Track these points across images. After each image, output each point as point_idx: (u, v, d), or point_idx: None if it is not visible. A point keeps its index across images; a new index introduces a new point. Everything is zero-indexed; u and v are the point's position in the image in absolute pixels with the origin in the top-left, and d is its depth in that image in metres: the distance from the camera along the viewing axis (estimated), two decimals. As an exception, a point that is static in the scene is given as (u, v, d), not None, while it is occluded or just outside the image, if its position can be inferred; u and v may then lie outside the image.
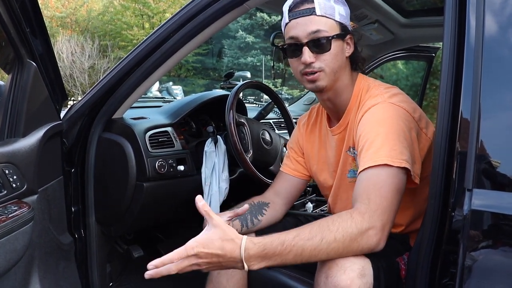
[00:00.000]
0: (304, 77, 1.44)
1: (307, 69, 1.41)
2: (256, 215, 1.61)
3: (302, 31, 1.39)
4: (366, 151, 1.29)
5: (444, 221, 1.08)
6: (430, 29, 2.55)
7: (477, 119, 1.03)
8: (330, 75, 1.42)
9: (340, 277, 1.15)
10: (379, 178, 1.23)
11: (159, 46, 1.70)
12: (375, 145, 1.28)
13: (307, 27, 1.38)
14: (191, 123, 2.26)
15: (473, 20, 1.06)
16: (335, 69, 1.43)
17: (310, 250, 1.12)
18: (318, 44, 1.39)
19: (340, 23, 1.42)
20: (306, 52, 1.39)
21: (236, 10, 1.61)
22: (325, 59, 1.40)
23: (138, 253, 2.19)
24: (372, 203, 1.19)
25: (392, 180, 1.23)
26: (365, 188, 1.24)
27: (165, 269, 1.10)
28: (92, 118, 1.86)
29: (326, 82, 1.43)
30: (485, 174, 1.03)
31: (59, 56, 20.42)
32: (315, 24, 1.38)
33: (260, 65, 21.79)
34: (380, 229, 1.17)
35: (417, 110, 1.42)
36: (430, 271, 1.12)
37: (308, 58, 1.39)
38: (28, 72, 1.50)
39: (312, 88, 1.46)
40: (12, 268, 1.39)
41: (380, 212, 1.18)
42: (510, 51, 1.06)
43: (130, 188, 1.85)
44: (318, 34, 1.38)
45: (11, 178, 1.41)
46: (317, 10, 1.38)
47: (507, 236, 1.01)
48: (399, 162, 1.24)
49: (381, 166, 1.24)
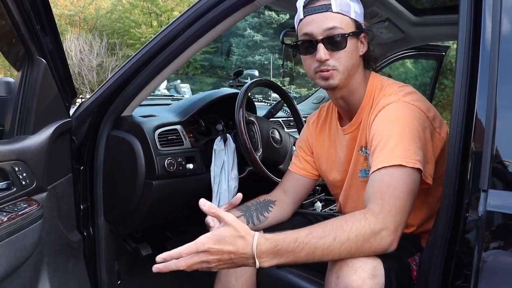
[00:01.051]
0: (317, 75, 1.42)
1: (322, 67, 1.39)
2: (262, 212, 1.59)
3: (317, 28, 1.37)
4: (380, 151, 1.28)
5: (458, 222, 1.07)
6: (441, 28, 2.52)
7: (493, 118, 1.01)
8: (343, 73, 1.41)
9: (351, 277, 1.13)
10: (393, 178, 1.22)
11: (169, 44, 1.69)
12: (389, 145, 1.26)
13: (323, 24, 1.36)
14: (200, 121, 2.25)
15: (489, 17, 1.04)
16: (349, 68, 1.41)
17: (322, 249, 1.11)
18: (333, 41, 1.37)
19: (355, 21, 1.41)
20: (321, 49, 1.37)
21: (247, 7, 1.59)
22: (340, 57, 1.38)
23: (146, 251, 2.19)
24: (385, 203, 1.17)
25: (406, 181, 1.21)
26: (378, 189, 1.22)
27: (174, 264, 1.09)
28: (101, 116, 1.86)
29: (339, 80, 1.41)
30: (500, 174, 1.01)
31: (67, 54, 20.52)
32: (331, 21, 1.36)
33: (268, 63, 21.81)
34: (394, 231, 1.16)
35: (431, 109, 1.40)
36: (443, 272, 1.11)
37: (323, 55, 1.37)
38: (38, 69, 1.50)
39: (325, 86, 1.44)
40: (21, 266, 1.39)
41: (394, 213, 1.16)
42: (527, 49, 1.04)
43: (139, 186, 1.84)
44: (334, 31, 1.36)
45: (21, 176, 1.41)
46: (333, 7, 1.36)
47: (524, 238, 1.00)
48: (413, 163, 1.22)
49: (395, 167, 1.22)
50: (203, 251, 1.08)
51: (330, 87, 1.44)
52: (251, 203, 1.62)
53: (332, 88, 1.44)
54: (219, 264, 1.11)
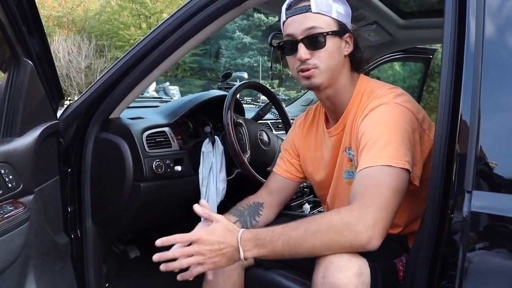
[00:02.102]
0: (299, 74, 1.43)
1: (302, 66, 1.41)
2: (254, 217, 1.61)
3: (297, 28, 1.40)
4: (368, 151, 1.29)
5: (443, 223, 1.08)
6: (428, 31, 2.55)
7: (477, 120, 1.02)
8: (325, 73, 1.42)
9: (336, 276, 1.15)
10: (378, 177, 1.23)
11: (157, 46, 1.69)
12: (378, 145, 1.27)
13: (302, 24, 1.39)
14: (188, 123, 2.25)
15: (473, 21, 1.06)
16: (331, 67, 1.42)
17: (296, 238, 1.19)
18: (313, 40, 1.39)
19: (337, 21, 1.42)
20: (301, 49, 1.39)
21: (235, 10, 1.60)
22: (320, 56, 1.40)
23: (134, 254, 2.19)
24: (366, 200, 1.20)
25: (391, 179, 1.22)
26: (362, 186, 1.24)
27: (171, 253, 1.22)
28: (89, 118, 1.85)
29: (321, 79, 1.42)
30: (485, 176, 1.02)
31: (55, 56, 20.39)
32: (310, 21, 1.39)
33: (257, 66, 21.83)
34: (372, 226, 1.16)
35: (420, 111, 1.42)
36: (429, 273, 1.12)
37: (303, 54, 1.39)
38: (24, 71, 1.49)
39: (307, 86, 1.45)
40: (7, 269, 1.38)
41: (374, 210, 1.18)
42: (510, 52, 1.06)
43: (127, 189, 1.84)
44: (313, 31, 1.38)
45: (7, 178, 1.40)
46: (313, 8, 1.39)
47: (507, 238, 1.01)
48: (402, 164, 1.23)
49: (382, 166, 1.24)
50: (196, 239, 1.20)
51: (312, 86, 1.44)
52: (242, 207, 1.63)
53: (315, 87, 1.45)
54: (211, 256, 1.21)
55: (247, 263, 1.53)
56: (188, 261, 1.21)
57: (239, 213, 1.59)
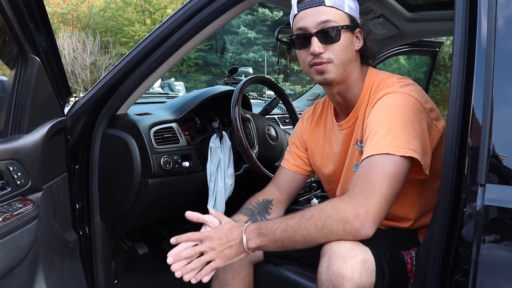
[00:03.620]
0: (312, 69, 1.42)
1: (315, 60, 1.39)
2: (264, 215, 1.62)
3: (311, 22, 1.38)
4: (370, 140, 1.29)
5: (455, 217, 1.07)
6: (435, 23, 2.52)
7: (490, 113, 1.01)
8: (339, 67, 1.41)
9: (340, 264, 1.15)
10: (375, 165, 1.23)
11: (164, 41, 1.68)
12: (378, 134, 1.27)
13: (316, 18, 1.38)
14: (195, 118, 2.24)
15: (485, 13, 1.04)
16: (344, 61, 1.41)
17: (292, 226, 1.23)
18: (327, 34, 1.38)
19: (349, 15, 1.41)
20: (315, 42, 1.38)
21: (242, 4, 1.59)
22: (334, 50, 1.39)
23: (143, 250, 2.19)
24: (356, 188, 1.21)
25: (389, 166, 1.22)
26: (357, 176, 1.25)
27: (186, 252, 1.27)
28: (96, 114, 1.85)
29: (335, 74, 1.41)
30: (498, 169, 1.01)
31: (60, 53, 20.33)
32: (324, 15, 1.38)
33: (262, 60, 21.75)
34: (364, 213, 1.17)
35: (429, 101, 1.40)
36: (441, 267, 1.11)
37: (317, 48, 1.37)
38: (32, 67, 1.48)
39: (320, 81, 1.44)
40: (17, 266, 1.38)
41: (363, 196, 1.18)
42: (524, 43, 1.04)
43: (135, 185, 1.84)
44: (327, 24, 1.37)
45: (16, 175, 1.40)
46: (327, 1, 1.38)
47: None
48: (404, 151, 1.22)
49: (381, 155, 1.23)
50: (205, 237, 1.28)
51: (326, 82, 1.43)
52: (252, 206, 1.63)
53: (328, 83, 1.43)
54: (221, 249, 1.27)
55: (253, 257, 1.54)
56: (201, 260, 1.26)
57: (249, 212, 1.60)
